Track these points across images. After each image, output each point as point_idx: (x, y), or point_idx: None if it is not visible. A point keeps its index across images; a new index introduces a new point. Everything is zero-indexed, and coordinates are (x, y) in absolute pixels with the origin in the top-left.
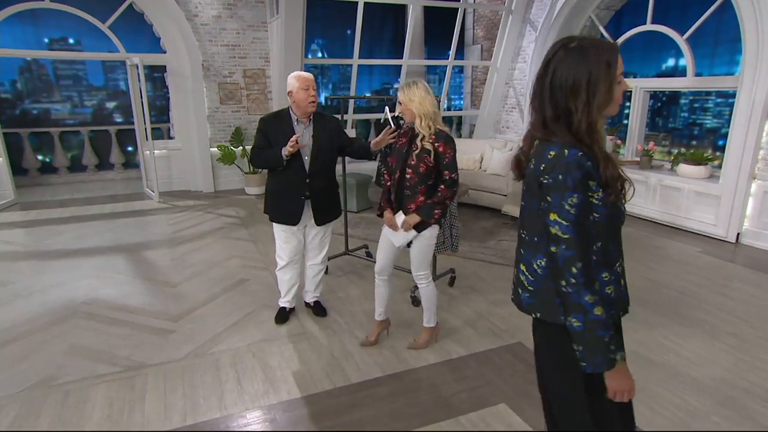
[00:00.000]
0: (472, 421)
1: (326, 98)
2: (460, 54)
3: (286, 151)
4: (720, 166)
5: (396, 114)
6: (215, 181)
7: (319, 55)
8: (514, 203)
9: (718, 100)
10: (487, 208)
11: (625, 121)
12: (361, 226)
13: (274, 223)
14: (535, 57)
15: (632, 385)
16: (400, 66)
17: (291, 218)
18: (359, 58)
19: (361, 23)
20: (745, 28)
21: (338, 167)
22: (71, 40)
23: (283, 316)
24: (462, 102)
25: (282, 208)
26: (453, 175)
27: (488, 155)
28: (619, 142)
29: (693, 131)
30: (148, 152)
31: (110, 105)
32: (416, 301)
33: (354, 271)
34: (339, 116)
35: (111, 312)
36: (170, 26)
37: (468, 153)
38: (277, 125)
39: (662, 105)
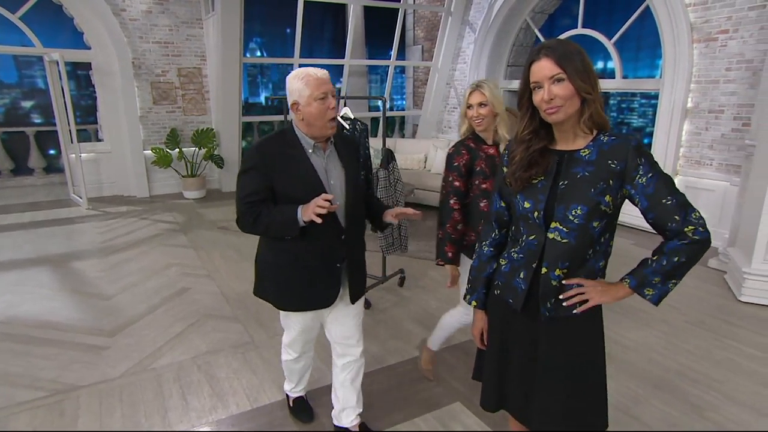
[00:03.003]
0: (428, 422)
1: (266, 98)
2: (401, 54)
3: (308, 215)
4: None
5: (342, 114)
6: (150, 185)
7: (258, 54)
8: None
9: (643, 101)
10: (434, 207)
11: None
12: None
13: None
14: (474, 58)
15: (476, 333)
16: (342, 66)
17: (321, 300)
18: (300, 57)
19: (301, 22)
20: (664, 35)
21: None
22: None
23: (304, 407)
24: (404, 102)
25: (302, 288)
26: None
27: (432, 155)
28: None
29: (621, 130)
30: (73, 155)
31: (26, 104)
32: (367, 303)
33: None
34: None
35: (32, 330)
36: (94, 21)
37: (412, 153)
38: (283, 157)
39: None
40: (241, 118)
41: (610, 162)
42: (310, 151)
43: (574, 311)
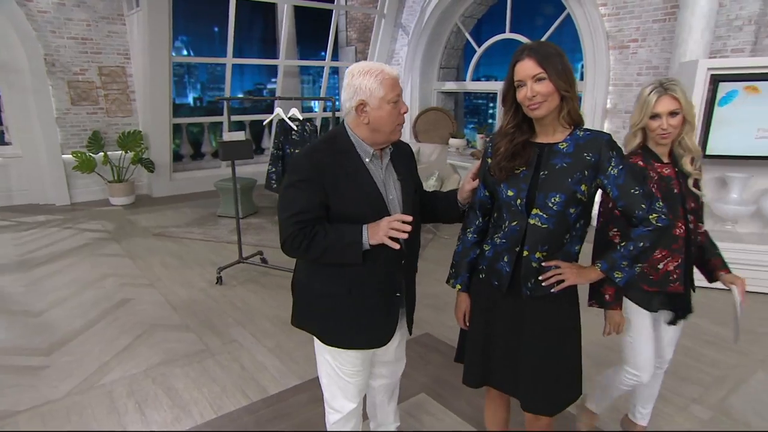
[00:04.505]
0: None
1: (216, 99)
2: (334, 55)
3: (380, 237)
4: None
5: (290, 115)
6: (71, 191)
7: (184, 53)
8: None
9: None
10: None
11: (491, 121)
12: (250, 232)
13: (329, 347)
14: (408, 60)
15: (459, 315)
16: (272, 66)
17: (379, 337)
18: (232, 57)
19: (234, 21)
20: (584, 41)
21: (243, 170)
22: None
23: None
24: (338, 103)
25: (359, 324)
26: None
27: None
28: (488, 139)
29: None
30: None
31: None
32: None
33: (251, 279)
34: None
35: None
36: None
37: None
38: (339, 168)
39: None
40: (172, 119)
41: (585, 154)
42: (368, 160)
43: (552, 290)
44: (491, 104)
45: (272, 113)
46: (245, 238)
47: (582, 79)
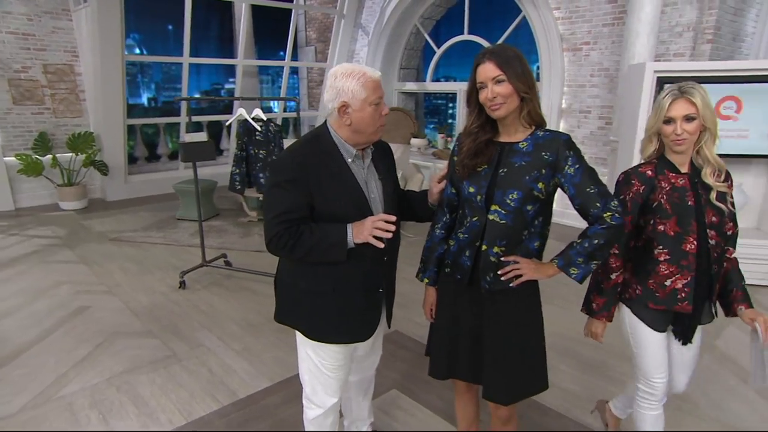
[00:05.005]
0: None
1: (176, 99)
2: (293, 55)
3: (365, 237)
4: None
5: (254, 116)
6: (15, 196)
7: (137, 51)
8: None
9: None
10: None
11: (451, 121)
12: (212, 235)
13: (312, 341)
14: (369, 60)
15: (426, 309)
16: (232, 66)
17: (363, 331)
18: (189, 56)
19: (190, 18)
20: (540, 43)
21: (202, 171)
22: None
23: None
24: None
25: (343, 319)
26: (737, 230)
27: None
28: (449, 138)
29: None
30: None
31: None
32: None
33: (215, 282)
34: (184, 120)
35: None
36: None
37: None
38: (323, 168)
39: None
40: (126, 120)
41: (543, 153)
42: (350, 160)
43: (510, 284)
44: (451, 104)
45: (231, 114)
46: (207, 241)
47: (539, 79)
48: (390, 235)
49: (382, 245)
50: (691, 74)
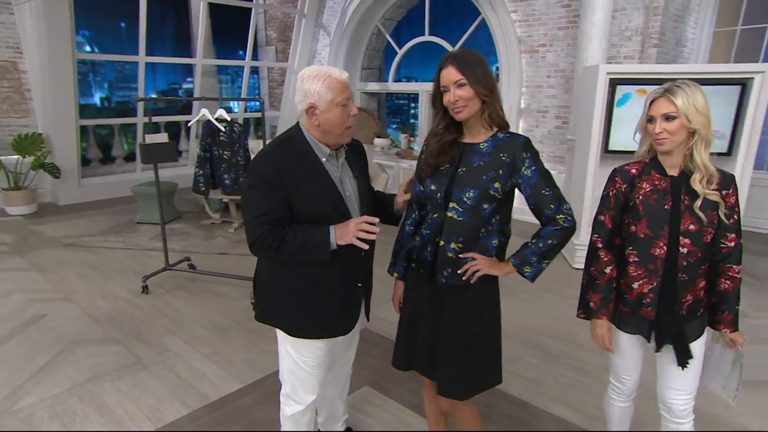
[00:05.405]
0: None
1: (137, 99)
2: (253, 55)
3: (349, 238)
4: None
5: (217, 116)
6: None
7: (87, 48)
8: None
9: None
10: None
11: (413, 121)
12: (174, 238)
13: (293, 339)
14: (331, 60)
15: (394, 301)
16: (189, 65)
17: (343, 326)
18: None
19: (145, 16)
20: (498, 45)
21: (162, 173)
22: None
23: None
24: (257, 103)
25: (324, 314)
26: (740, 242)
27: None
28: (411, 138)
29: None
30: None
31: None
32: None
33: (179, 286)
34: (142, 120)
35: None
36: None
37: None
38: (298, 168)
39: None
40: (79, 121)
41: (501, 155)
42: (324, 159)
43: (464, 278)
44: (413, 104)
45: (190, 114)
46: (170, 245)
47: (498, 80)
48: (374, 237)
49: (366, 246)
50: (641, 76)
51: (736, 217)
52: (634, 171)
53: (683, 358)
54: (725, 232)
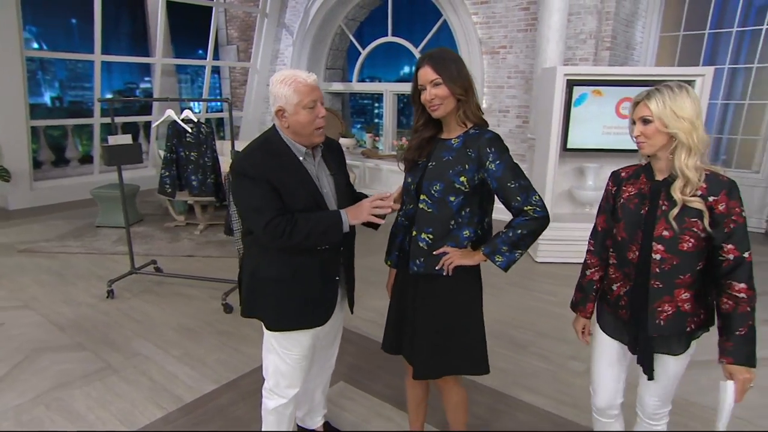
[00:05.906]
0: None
1: (100, 99)
2: (214, 54)
3: (364, 217)
4: None
5: (183, 117)
6: None
7: (36, 46)
8: None
9: None
10: None
11: (377, 120)
12: (137, 240)
13: (276, 332)
14: (293, 61)
15: (388, 288)
16: (147, 64)
17: (319, 317)
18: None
19: (100, 12)
20: (460, 46)
21: (123, 175)
22: None
23: None
24: (219, 103)
25: (306, 304)
26: (746, 255)
27: None
28: (376, 138)
29: None
30: None
31: None
32: (228, 308)
33: (146, 289)
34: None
35: None
36: None
37: None
38: (279, 166)
39: (404, 106)
40: (30, 121)
41: (467, 150)
42: (301, 158)
43: (444, 274)
44: (377, 104)
45: (148, 114)
46: (134, 248)
47: None
48: (389, 211)
49: (382, 221)
50: (595, 78)
51: (732, 226)
52: (623, 174)
53: (647, 368)
54: (720, 243)
